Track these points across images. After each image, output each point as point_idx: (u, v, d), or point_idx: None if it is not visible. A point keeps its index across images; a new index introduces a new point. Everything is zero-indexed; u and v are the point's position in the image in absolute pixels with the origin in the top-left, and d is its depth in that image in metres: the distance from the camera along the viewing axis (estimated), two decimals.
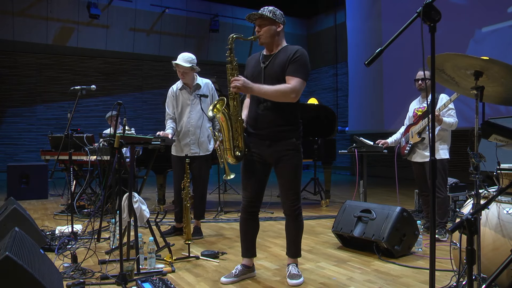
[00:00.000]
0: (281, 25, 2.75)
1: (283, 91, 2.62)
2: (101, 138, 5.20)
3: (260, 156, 2.79)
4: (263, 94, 2.64)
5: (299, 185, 2.85)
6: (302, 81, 2.65)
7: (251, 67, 2.84)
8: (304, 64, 2.68)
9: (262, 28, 2.71)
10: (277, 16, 2.72)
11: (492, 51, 7.48)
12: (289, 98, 2.64)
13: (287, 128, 2.74)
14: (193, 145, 4.07)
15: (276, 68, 2.71)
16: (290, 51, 2.71)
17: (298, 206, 2.82)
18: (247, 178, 2.85)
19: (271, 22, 2.71)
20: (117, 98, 9.57)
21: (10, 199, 3.98)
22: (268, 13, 2.70)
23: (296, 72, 2.65)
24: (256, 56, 2.88)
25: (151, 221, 3.59)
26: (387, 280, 2.85)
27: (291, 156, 2.75)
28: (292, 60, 2.66)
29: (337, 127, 6.46)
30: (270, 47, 2.79)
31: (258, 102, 2.74)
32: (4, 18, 10.10)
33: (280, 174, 2.80)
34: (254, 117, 2.78)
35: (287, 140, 2.74)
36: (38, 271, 2.05)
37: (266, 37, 2.72)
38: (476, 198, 2.12)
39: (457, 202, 4.81)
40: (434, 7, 1.67)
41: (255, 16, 2.71)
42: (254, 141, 2.79)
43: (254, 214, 2.92)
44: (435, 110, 3.72)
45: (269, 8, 2.73)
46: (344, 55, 12.35)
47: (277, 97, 2.64)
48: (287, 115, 2.74)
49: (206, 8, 12.42)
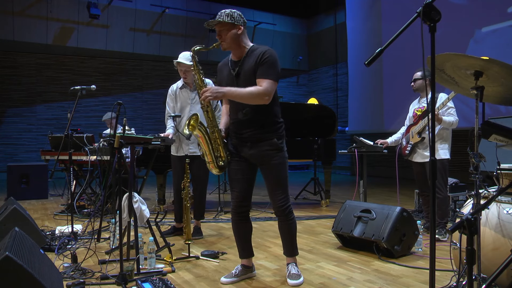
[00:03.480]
0: (241, 27, 2.69)
1: (256, 94, 2.60)
2: (101, 138, 5.20)
3: (243, 156, 2.80)
4: (236, 96, 2.63)
5: (286, 184, 2.82)
6: (273, 82, 2.63)
7: (224, 74, 2.82)
8: (273, 64, 2.65)
9: (223, 34, 2.68)
10: (236, 19, 2.67)
11: (492, 51, 7.48)
12: (262, 100, 2.63)
13: (266, 129, 2.74)
14: (192, 144, 4.07)
15: (247, 74, 2.69)
16: (258, 53, 2.67)
17: (287, 205, 2.80)
18: (233, 179, 2.85)
19: (231, 26, 2.66)
20: (117, 98, 9.58)
21: (10, 199, 3.98)
22: (226, 18, 2.64)
23: (266, 74, 2.63)
24: (226, 62, 2.85)
25: (151, 221, 3.59)
26: (387, 280, 2.85)
27: (273, 156, 2.74)
28: (261, 62, 2.63)
29: (337, 127, 6.45)
30: (236, 52, 2.75)
31: (237, 109, 2.74)
32: (4, 18, 10.10)
33: (265, 175, 2.80)
34: (235, 123, 2.80)
35: (267, 140, 2.73)
36: (38, 271, 2.05)
37: (229, 42, 2.69)
38: (476, 198, 2.12)
39: (457, 202, 4.81)
40: (434, 7, 1.67)
41: (213, 23, 2.67)
42: (236, 143, 2.81)
43: (245, 214, 2.90)
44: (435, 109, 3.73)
45: (226, 12, 2.67)
46: (344, 55, 12.35)
47: (250, 100, 2.63)
48: (267, 117, 2.74)
49: (206, 8, 12.42)
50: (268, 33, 13.07)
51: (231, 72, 2.76)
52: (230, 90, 2.62)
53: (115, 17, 11.29)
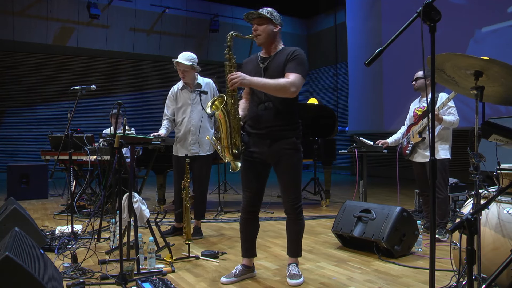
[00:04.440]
0: (278, 26, 2.75)
1: (283, 85, 2.61)
2: (101, 138, 5.20)
3: (260, 155, 2.79)
4: (263, 86, 2.63)
5: (300, 184, 2.85)
6: (301, 77, 2.66)
7: (249, 68, 2.83)
8: (303, 62, 2.70)
9: (260, 28, 2.71)
10: (275, 17, 2.73)
11: (492, 51, 7.48)
12: (288, 92, 2.63)
13: (287, 127, 2.75)
14: (193, 145, 4.07)
15: (276, 68, 2.71)
16: (289, 51, 2.72)
17: (299, 205, 2.82)
18: (247, 178, 2.84)
19: (269, 22, 2.71)
20: (117, 98, 9.58)
21: (10, 199, 3.98)
22: (267, 13, 2.70)
23: (295, 69, 2.66)
24: (253, 58, 2.87)
25: (151, 221, 3.59)
26: (387, 280, 2.85)
27: (291, 155, 2.75)
28: (291, 58, 2.68)
29: (337, 127, 6.45)
30: (267, 49, 2.78)
31: (258, 102, 2.75)
32: (4, 18, 10.10)
33: (280, 173, 2.80)
34: (254, 117, 2.78)
35: (287, 139, 2.74)
36: (38, 271, 2.05)
37: (264, 37, 2.72)
38: (476, 198, 2.12)
39: (457, 202, 4.81)
40: (434, 7, 1.67)
41: (253, 15, 2.71)
42: (254, 141, 2.79)
43: (255, 214, 2.92)
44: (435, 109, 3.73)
45: (267, 9, 2.73)
46: (344, 55, 12.35)
47: (277, 91, 2.63)
48: (287, 115, 2.75)
49: (206, 8, 12.43)
50: None
51: (259, 65, 2.77)
52: (258, 80, 2.62)
53: (115, 17, 11.30)
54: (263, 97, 2.72)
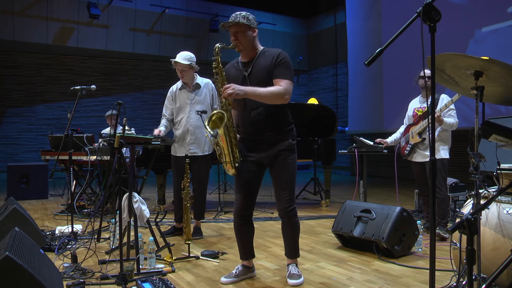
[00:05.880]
0: (256, 30, 2.74)
1: (277, 93, 2.62)
2: (101, 138, 5.20)
3: (255, 158, 2.79)
4: (257, 96, 2.62)
5: (294, 185, 2.83)
6: (291, 82, 2.68)
7: (232, 76, 2.80)
8: (289, 66, 2.71)
9: (239, 36, 2.69)
10: (251, 21, 2.70)
11: (492, 51, 7.48)
12: (282, 99, 2.65)
13: (282, 130, 2.76)
14: (192, 145, 4.07)
15: (261, 73, 2.70)
16: (272, 55, 2.70)
17: (292, 208, 2.80)
18: (241, 181, 2.82)
19: (247, 28, 2.69)
20: (117, 98, 9.57)
21: (10, 199, 3.98)
22: (243, 20, 2.66)
23: (283, 75, 2.66)
24: (233, 64, 2.86)
25: (151, 221, 3.59)
26: (387, 280, 2.85)
27: (286, 156, 2.75)
28: (277, 64, 2.67)
29: (337, 127, 6.45)
30: (247, 53, 2.77)
31: (250, 109, 2.73)
32: (4, 18, 10.10)
33: (274, 175, 2.80)
34: (247, 124, 2.78)
35: (283, 141, 2.75)
36: (38, 271, 2.05)
37: (245, 43, 2.70)
38: (476, 198, 2.12)
39: (457, 202, 4.81)
40: (434, 7, 1.67)
41: (229, 24, 2.67)
42: (250, 145, 2.80)
43: (248, 218, 2.90)
44: (436, 110, 3.72)
45: (242, 14, 2.69)
46: (344, 55, 12.35)
47: (271, 99, 2.64)
48: (280, 118, 2.76)
49: (206, 8, 12.43)
50: (268, 33, 13.07)
51: (242, 72, 2.76)
52: (251, 89, 2.61)
53: (115, 17, 11.30)
54: (253, 104, 2.71)
